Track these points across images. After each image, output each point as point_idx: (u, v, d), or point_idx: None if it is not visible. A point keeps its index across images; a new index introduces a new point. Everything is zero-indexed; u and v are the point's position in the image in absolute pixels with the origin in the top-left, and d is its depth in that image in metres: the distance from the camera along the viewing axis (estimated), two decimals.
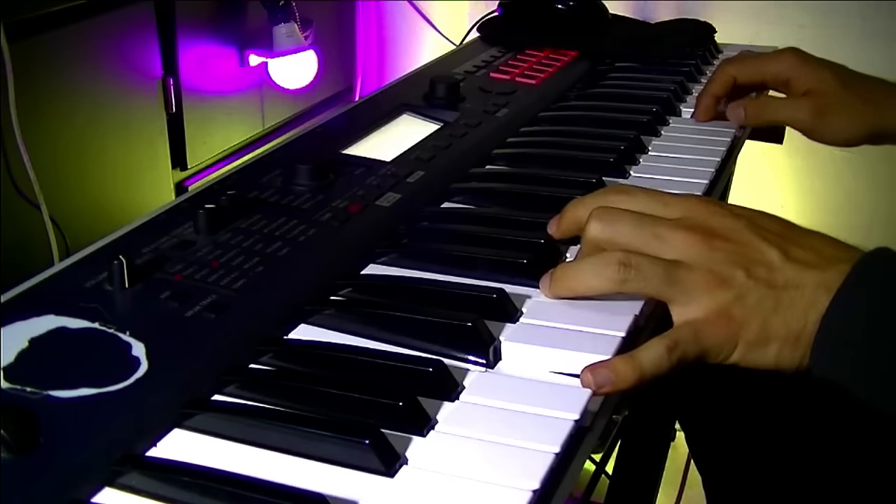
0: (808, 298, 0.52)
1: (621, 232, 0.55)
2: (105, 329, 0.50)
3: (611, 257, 0.53)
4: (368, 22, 1.67)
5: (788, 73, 0.84)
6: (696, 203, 0.56)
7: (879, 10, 1.35)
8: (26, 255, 0.96)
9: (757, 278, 0.52)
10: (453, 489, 0.41)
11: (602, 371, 0.49)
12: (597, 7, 1.13)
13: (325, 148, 0.75)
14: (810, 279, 0.52)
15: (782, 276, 0.52)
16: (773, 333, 0.52)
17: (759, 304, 0.52)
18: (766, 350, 0.52)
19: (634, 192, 0.58)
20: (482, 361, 0.50)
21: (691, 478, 1.42)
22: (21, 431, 0.42)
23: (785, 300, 0.52)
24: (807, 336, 0.52)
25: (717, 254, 0.53)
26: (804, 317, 0.52)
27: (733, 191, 1.16)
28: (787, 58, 0.85)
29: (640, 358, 0.50)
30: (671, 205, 0.57)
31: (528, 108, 0.89)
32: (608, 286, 0.53)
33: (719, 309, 0.52)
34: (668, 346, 0.51)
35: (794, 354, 0.52)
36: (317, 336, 0.53)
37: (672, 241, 0.54)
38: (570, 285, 0.55)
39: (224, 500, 0.41)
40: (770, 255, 0.53)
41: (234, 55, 1.30)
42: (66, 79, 1.02)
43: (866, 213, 1.44)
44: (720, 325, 0.52)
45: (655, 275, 0.52)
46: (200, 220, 0.60)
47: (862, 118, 0.82)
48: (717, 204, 0.57)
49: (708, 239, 0.53)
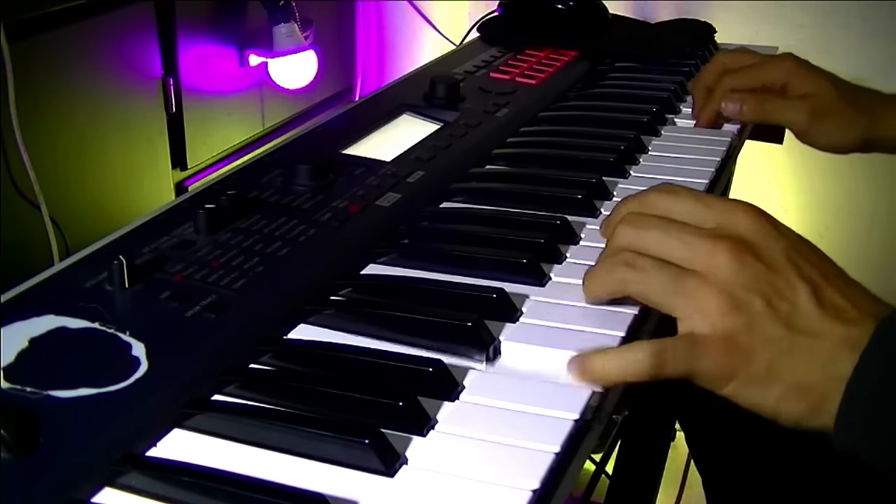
0: (830, 352, 0.47)
1: (648, 237, 0.51)
2: (105, 329, 0.50)
3: (619, 258, 0.51)
4: (368, 22, 1.67)
5: (786, 77, 0.85)
6: (741, 210, 0.51)
7: (879, 10, 1.35)
8: (26, 255, 0.96)
9: (776, 312, 0.48)
10: (453, 489, 0.41)
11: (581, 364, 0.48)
12: (597, 7, 1.13)
13: (325, 148, 0.75)
14: (836, 332, 0.47)
15: (804, 321, 0.48)
16: (778, 376, 0.47)
17: (772, 340, 0.47)
18: (766, 392, 0.48)
19: (679, 192, 0.54)
20: (482, 361, 0.50)
21: (691, 478, 1.42)
22: (21, 431, 0.42)
23: (802, 345, 0.47)
24: (819, 392, 0.47)
25: (743, 274, 0.48)
26: (821, 371, 0.47)
27: (733, 191, 1.16)
28: (784, 63, 0.85)
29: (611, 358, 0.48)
30: (714, 208, 0.52)
31: (528, 108, 0.89)
32: (612, 287, 0.52)
33: (725, 331, 0.48)
34: (654, 352, 0.48)
35: (797, 406, 0.48)
36: (317, 336, 0.53)
37: (698, 249, 0.49)
38: (590, 291, 0.54)
39: (224, 500, 0.41)
40: (800, 290, 0.48)
41: (234, 55, 1.30)
42: (66, 79, 1.02)
43: (866, 213, 1.44)
44: (722, 349, 0.48)
45: (658, 279, 0.49)
46: (200, 220, 0.60)
47: (855, 126, 0.83)
48: (764, 216, 0.51)
49: (738, 252, 0.49)
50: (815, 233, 1.48)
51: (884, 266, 1.42)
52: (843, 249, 1.46)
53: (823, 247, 0.52)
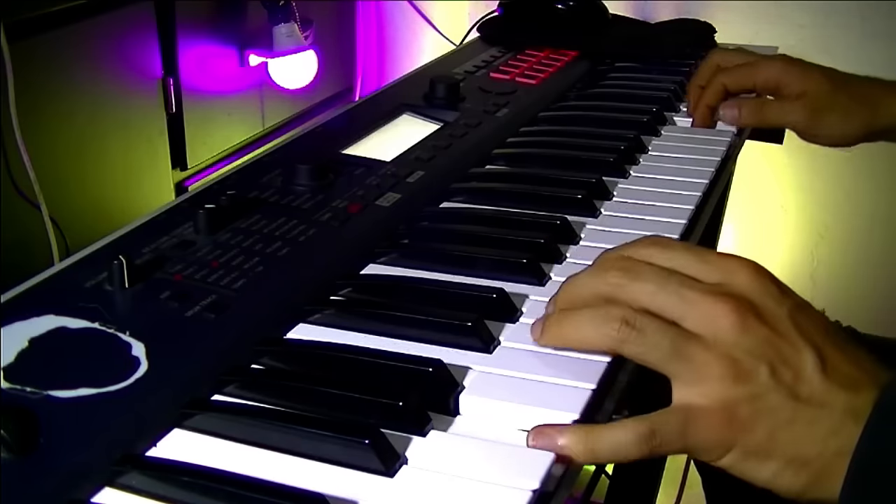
0: (833, 423, 0.45)
1: (643, 289, 0.47)
2: (105, 329, 0.49)
3: (613, 312, 0.47)
4: (368, 22, 1.67)
5: (778, 77, 0.84)
6: (742, 268, 0.48)
7: (879, 10, 1.35)
8: (26, 255, 0.96)
9: (780, 381, 0.45)
10: (453, 489, 0.41)
11: (548, 436, 0.44)
12: (597, 7, 1.13)
13: (325, 148, 0.75)
14: (840, 401, 0.45)
15: (809, 387, 0.45)
16: (778, 449, 0.45)
17: (774, 412, 0.45)
18: (763, 465, 0.46)
19: (672, 245, 0.50)
20: (482, 361, 0.50)
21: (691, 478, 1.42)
22: (21, 431, 0.42)
23: (804, 416, 0.45)
24: (820, 465, 0.45)
25: (747, 337, 0.45)
26: (823, 442, 0.45)
27: (733, 191, 1.16)
28: (776, 63, 0.85)
29: (599, 439, 0.44)
30: (711, 263, 0.48)
31: (528, 108, 0.89)
32: (604, 344, 0.47)
33: (725, 403, 0.45)
34: (643, 433, 0.45)
35: (795, 479, 0.45)
36: (317, 336, 0.53)
37: (699, 308, 0.46)
38: (564, 335, 0.49)
39: (224, 500, 0.41)
40: (805, 356, 0.45)
41: (234, 55, 1.30)
42: (66, 79, 1.02)
43: (866, 213, 1.44)
44: (719, 422, 0.45)
45: (659, 344, 0.46)
46: (200, 220, 0.60)
47: (856, 117, 0.82)
48: (766, 275, 0.48)
49: (742, 314, 0.46)
50: (815, 233, 1.48)
51: (884, 266, 1.42)
52: (843, 249, 1.47)
53: (823, 247, 0.51)
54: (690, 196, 0.71)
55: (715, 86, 0.86)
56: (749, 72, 0.86)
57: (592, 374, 0.48)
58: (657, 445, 0.45)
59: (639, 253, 0.50)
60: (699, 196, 0.71)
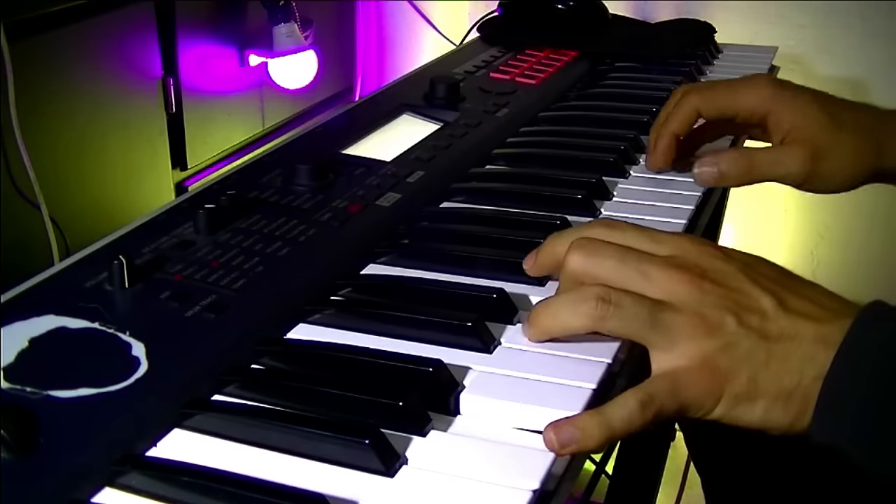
0: (805, 352, 0.47)
1: (604, 265, 0.50)
2: (105, 329, 0.50)
3: (588, 291, 0.49)
4: (368, 22, 1.67)
5: (765, 106, 0.70)
6: (688, 242, 0.52)
7: (879, 10, 1.35)
8: (26, 255, 0.96)
9: (749, 327, 0.48)
10: (453, 489, 0.41)
11: (567, 429, 0.44)
12: (597, 7, 1.13)
13: (325, 148, 0.75)
14: (808, 331, 0.48)
15: (776, 326, 0.48)
16: (762, 389, 0.48)
17: (749, 356, 0.48)
18: (752, 406, 0.48)
19: (621, 226, 0.53)
20: (482, 361, 0.50)
21: (691, 478, 1.42)
22: (21, 431, 0.42)
23: (778, 353, 0.48)
24: (801, 394, 0.47)
25: (708, 297, 0.48)
26: (799, 372, 0.47)
27: (733, 191, 1.16)
28: (761, 88, 0.71)
29: (609, 414, 0.46)
30: (661, 242, 0.52)
31: (528, 108, 0.89)
32: (584, 323, 0.49)
33: (704, 357, 0.48)
34: (641, 400, 0.46)
35: (784, 413, 0.48)
36: (317, 336, 0.53)
37: (659, 280, 0.49)
38: (545, 325, 0.51)
39: (224, 500, 0.41)
40: (764, 302, 0.49)
41: (234, 55, 1.30)
42: (66, 79, 1.02)
43: (866, 214, 1.44)
44: (703, 376, 0.48)
45: (637, 315, 0.48)
46: (200, 220, 0.60)
47: (860, 159, 0.70)
48: (711, 245, 0.52)
49: (698, 280, 0.49)
50: (815, 233, 1.48)
51: (884, 266, 1.42)
52: (843, 249, 1.47)
53: (823, 247, 0.52)
54: (690, 196, 0.71)
55: (684, 108, 0.71)
56: (729, 96, 0.71)
57: (592, 374, 0.48)
58: (658, 409, 0.47)
59: (592, 233, 0.53)
60: (699, 196, 0.71)
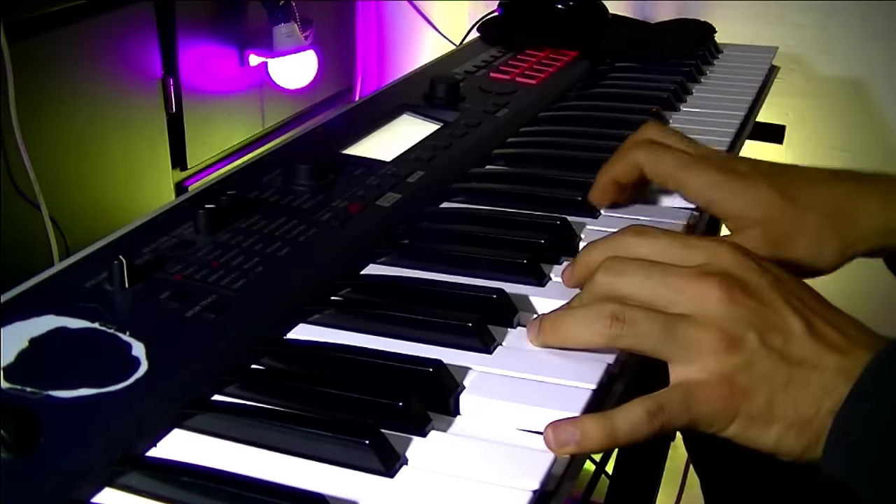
0: (826, 383, 0.46)
1: (628, 283, 0.49)
2: (105, 329, 0.50)
3: (603, 309, 0.48)
4: (368, 22, 1.67)
5: (705, 195, 0.63)
6: (724, 249, 0.50)
7: (879, 10, 1.35)
8: (26, 255, 0.96)
9: (771, 347, 0.47)
10: (453, 489, 0.41)
11: (567, 429, 0.44)
12: (597, 7, 1.13)
13: (325, 148, 0.75)
14: (830, 361, 0.46)
15: (799, 349, 0.47)
16: (778, 413, 0.46)
17: (769, 376, 0.46)
18: (767, 430, 0.47)
19: (652, 232, 0.52)
20: (482, 361, 0.50)
21: (691, 478, 1.42)
22: (21, 431, 0.42)
23: (798, 378, 0.46)
24: (816, 424, 0.46)
25: (735, 309, 0.47)
26: (817, 403, 0.46)
27: None
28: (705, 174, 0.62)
29: (614, 420, 0.45)
30: (694, 248, 0.50)
31: (528, 108, 0.89)
32: (597, 341, 0.49)
33: (723, 373, 0.46)
34: (650, 409, 0.46)
35: (797, 441, 0.47)
36: (317, 336, 0.53)
37: (685, 291, 0.48)
38: (559, 335, 0.50)
39: (224, 500, 0.41)
40: (792, 323, 0.47)
41: (234, 55, 1.30)
42: (66, 79, 1.02)
43: None
44: (720, 393, 0.46)
45: (651, 332, 0.47)
46: (200, 220, 0.60)
47: (830, 241, 0.61)
48: (746, 252, 0.50)
49: (727, 290, 0.47)
50: None
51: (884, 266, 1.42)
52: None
53: None
54: None
55: (628, 160, 0.65)
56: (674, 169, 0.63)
57: (592, 374, 0.48)
58: (666, 420, 0.46)
59: (622, 246, 0.52)
60: None
